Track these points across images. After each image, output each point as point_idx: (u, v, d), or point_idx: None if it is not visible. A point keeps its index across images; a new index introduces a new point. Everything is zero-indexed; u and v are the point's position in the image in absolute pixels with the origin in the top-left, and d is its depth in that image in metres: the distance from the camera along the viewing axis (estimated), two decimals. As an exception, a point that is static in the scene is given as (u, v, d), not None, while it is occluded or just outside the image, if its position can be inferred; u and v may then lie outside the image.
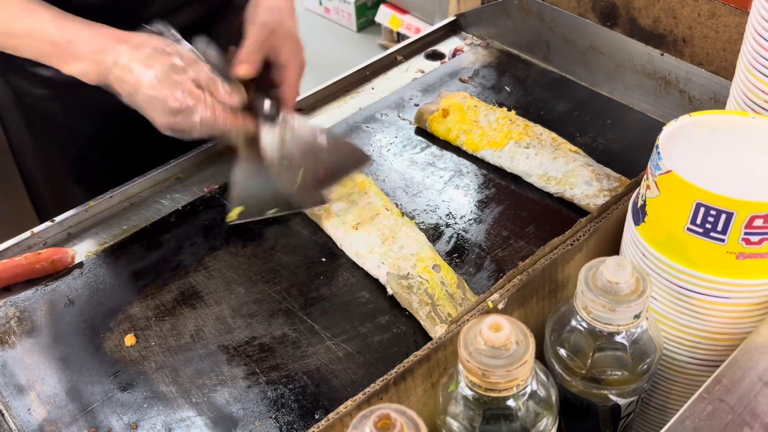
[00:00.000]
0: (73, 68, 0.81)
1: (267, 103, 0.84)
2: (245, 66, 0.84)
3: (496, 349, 0.45)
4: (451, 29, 1.23)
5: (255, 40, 0.86)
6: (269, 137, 0.83)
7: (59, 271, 0.86)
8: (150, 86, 0.78)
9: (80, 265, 0.87)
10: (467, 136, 0.98)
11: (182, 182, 0.98)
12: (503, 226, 0.89)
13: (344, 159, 0.89)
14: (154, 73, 0.78)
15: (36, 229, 0.89)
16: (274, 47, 0.87)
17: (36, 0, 0.82)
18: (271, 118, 0.84)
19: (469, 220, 0.90)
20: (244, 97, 0.82)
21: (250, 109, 0.84)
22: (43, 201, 1.11)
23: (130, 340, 0.78)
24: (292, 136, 0.84)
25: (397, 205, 0.92)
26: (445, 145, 1.01)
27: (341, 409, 0.50)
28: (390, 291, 0.80)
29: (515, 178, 0.94)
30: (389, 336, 0.77)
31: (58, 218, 0.91)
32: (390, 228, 0.86)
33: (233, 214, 0.86)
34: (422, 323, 0.77)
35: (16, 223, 0.99)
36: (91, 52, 0.79)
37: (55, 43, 0.80)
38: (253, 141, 0.84)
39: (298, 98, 1.08)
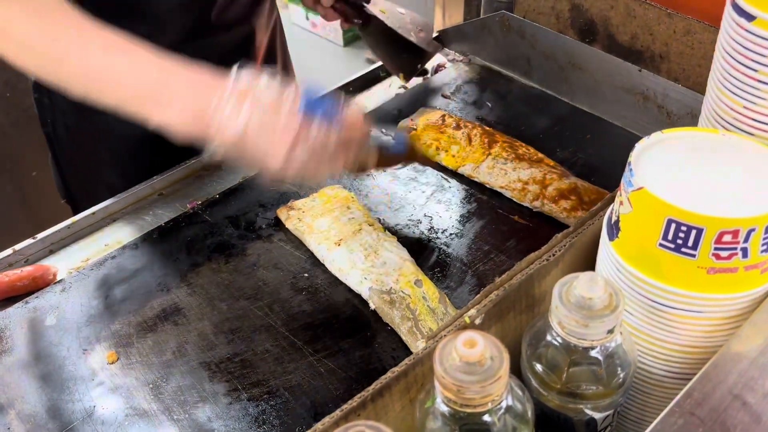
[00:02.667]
0: (165, 116, 0.70)
1: None
2: None
3: (471, 365, 0.46)
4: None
5: None
6: (376, 12, 1.01)
7: (40, 288, 0.86)
8: (260, 127, 0.68)
9: (62, 281, 0.87)
10: (446, 153, 0.99)
11: (165, 198, 0.98)
12: (484, 240, 0.89)
13: (418, 21, 1.07)
14: (262, 114, 0.68)
15: (17, 247, 0.89)
16: None
17: (126, 37, 0.72)
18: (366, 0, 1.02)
19: (451, 234, 0.91)
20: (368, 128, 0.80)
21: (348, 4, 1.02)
22: (75, 184, 1.11)
23: (111, 357, 0.78)
24: (387, 11, 1.02)
25: (379, 220, 0.92)
26: (426, 159, 1.02)
27: (318, 426, 0.50)
28: (372, 306, 0.81)
29: (496, 193, 0.95)
30: (371, 351, 0.77)
31: (39, 235, 0.91)
32: (372, 244, 0.86)
33: (403, 80, 1.09)
34: (404, 338, 0.78)
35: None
36: (190, 96, 0.69)
37: (152, 84, 0.70)
38: (364, 25, 1.03)
39: None
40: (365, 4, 1.02)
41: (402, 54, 1.05)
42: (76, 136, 1.04)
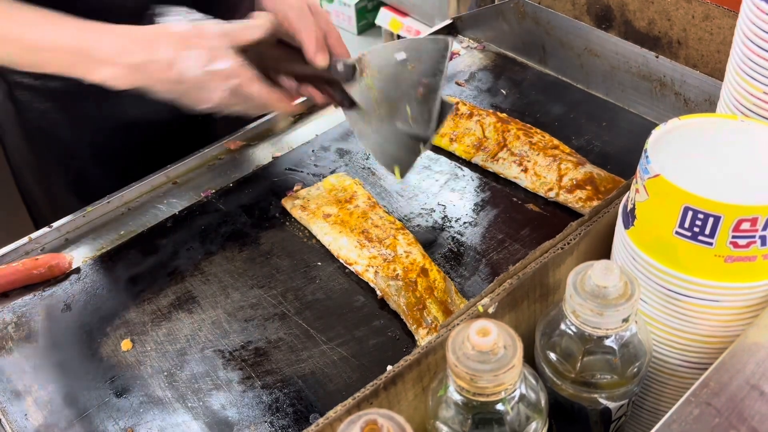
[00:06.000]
0: (101, 74, 0.78)
1: (339, 64, 0.82)
2: (320, 55, 0.82)
3: (484, 353, 0.45)
4: (448, 32, 1.24)
5: (309, 28, 0.82)
6: (358, 94, 0.82)
7: (56, 277, 0.86)
8: (196, 70, 0.76)
9: (77, 270, 0.87)
10: (459, 143, 0.98)
11: (179, 187, 0.98)
12: (498, 229, 0.89)
13: (428, 57, 0.81)
14: (195, 57, 0.76)
15: (33, 235, 0.90)
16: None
17: (57, 12, 0.79)
18: (349, 75, 0.82)
19: (465, 223, 0.90)
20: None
21: (328, 82, 0.84)
22: (42, 215, 1.10)
23: (126, 345, 0.79)
24: (377, 78, 0.81)
25: (392, 209, 0.92)
26: (440, 148, 1.01)
27: (331, 414, 0.50)
28: (379, 294, 0.81)
29: (510, 182, 0.95)
30: (384, 340, 0.77)
31: (55, 224, 0.91)
32: (378, 231, 0.86)
33: (398, 175, 0.85)
34: (409, 326, 0.77)
35: (14, 229, 1.00)
36: (116, 54, 0.76)
37: (79, 51, 0.77)
38: (350, 105, 0.84)
39: (301, 100, 1.03)
40: (343, 84, 0.83)
41: (396, 143, 0.83)
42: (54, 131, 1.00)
